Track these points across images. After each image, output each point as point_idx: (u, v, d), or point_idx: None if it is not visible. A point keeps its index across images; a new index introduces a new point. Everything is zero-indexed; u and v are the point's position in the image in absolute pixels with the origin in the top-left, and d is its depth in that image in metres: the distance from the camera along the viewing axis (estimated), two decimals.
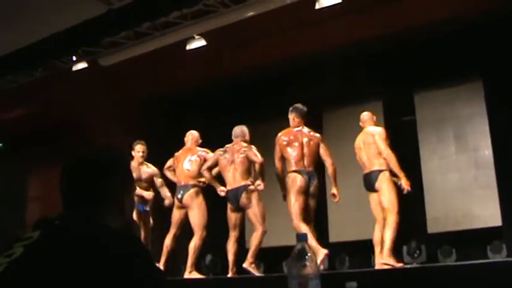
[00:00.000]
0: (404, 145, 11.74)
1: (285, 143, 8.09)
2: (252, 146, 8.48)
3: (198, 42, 10.39)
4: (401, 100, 11.97)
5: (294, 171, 7.97)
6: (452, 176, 11.34)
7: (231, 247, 8.51)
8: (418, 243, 11.04)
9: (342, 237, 10.79)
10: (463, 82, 11.32)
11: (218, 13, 9.71)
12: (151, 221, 9.36)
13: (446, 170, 11.40)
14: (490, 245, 10.28)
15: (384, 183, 7.94)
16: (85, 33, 10.30)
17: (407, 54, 11.16)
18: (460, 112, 11.38)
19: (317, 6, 9.16)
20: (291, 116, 8.28)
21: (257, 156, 8.33)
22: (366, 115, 8.45)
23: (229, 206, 8.53)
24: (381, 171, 8.00)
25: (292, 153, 8.02)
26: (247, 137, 8.64)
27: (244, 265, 8.26)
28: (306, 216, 7.91)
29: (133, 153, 9.34)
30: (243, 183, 8.37)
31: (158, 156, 9.64)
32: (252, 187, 8.33)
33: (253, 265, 8.33)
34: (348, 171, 8.53)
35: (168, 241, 8.98)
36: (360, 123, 8.40)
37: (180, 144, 9.25)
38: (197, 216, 8.73)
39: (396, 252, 10.87)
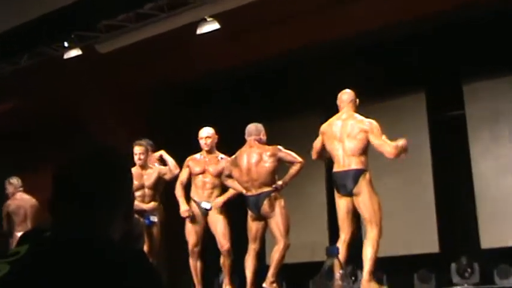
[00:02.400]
0: (452, 145, 11.74)
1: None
2: (280, 147, 8.58)
3: (211, 26, 10.34)
4: (447, 92, 11.89)
5: None
6: (509, 180, 11.25)
7: (250, 263, 8.62)
8: (470, 260, 10.97)
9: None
10: None
11: None
12: (158, 235, 9.50)
13: (502, 173, 11.30)
14: None
15: (364, 186, 7.87)
16: (79, 15, 10.33)
17: (454, 38, 11.08)
18: None
19: None
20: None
21: (296, 157, 8.49)
22: (347, 94, 8.23)
23: (249, 214, 8.66)
24: (361, 171, 7.92)
25: None
26: (263, 136, 8.74)
27: (265, 285, 8.31)
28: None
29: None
30: (265, 189, 8.48)
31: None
32: (274, 194, 8.45)
33: (274, 285, 8.36)
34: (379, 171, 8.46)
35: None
36: (338, 102, 8.24)
37: (189, 140, 9.30)
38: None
39: (444, 271, 10.90)
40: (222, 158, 9.28)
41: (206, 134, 9.28)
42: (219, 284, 10.84)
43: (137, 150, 9.47)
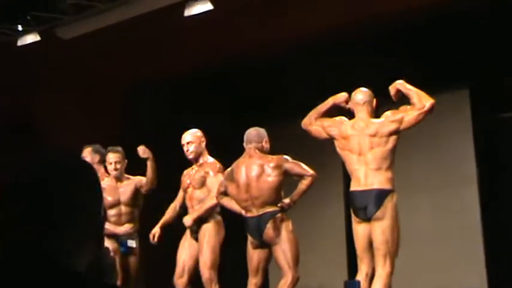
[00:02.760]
0: (504, 150, 11.66)
1: None
2: (286, 157, 8.43)
3: (202, 6, 10.40)
4: (497, 88, 11.81)
5: None
6: None
7: None
8: None
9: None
10: None
11: None
12: (135, 264, 9.43)
13: None
14: None
15: (389, 211, 7.72)
16: None
17: (501, 28, 11.02)
18: None
19: None
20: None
21: (306, 169, 8.35)
22: (362, 93, 8.13)
23: (249, 240, 8.48)
24: (388, 191, 7.77)
25: None
26: (266, 143, 8.57)
27: None
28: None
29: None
30: (269, 209, 8.29)
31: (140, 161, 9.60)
32: (279, 215, 8.27)
33: None
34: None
35: None
36: (351, 104, 8.11)
37: (172, 143, 9.22)
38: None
39: None
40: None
41: (189, 138, 9.19)
42: None
43: (112, 158, 9.38)
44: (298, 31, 11.18)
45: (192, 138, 9.13)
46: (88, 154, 9.41)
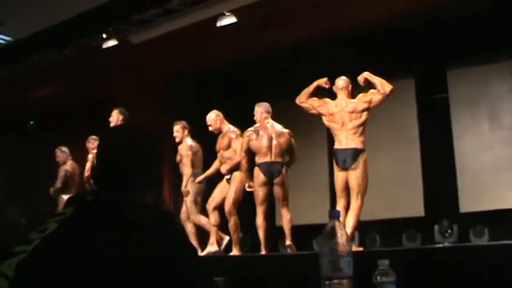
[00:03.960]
0: (437, 123, 11.74)
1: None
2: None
3: (229, 19, 10.29)
4: (433, 77, 11.86)
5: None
6: (486, 154, 11.23)
7: (260, 223, 8.33)
8: (450, 222, 11.00)
9: (372, 215, 10.78)
10: (498, 59, 11.14)
11: None
12: None
13: (480, 148, 11.30)
14: None
15: (362, 163, 7.71)
16: (115, 11, 10.33)
17: (440, 30, 11.01)
18: (494, 90, 11.25)
19: None
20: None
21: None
22: (342, 80, 8.00)
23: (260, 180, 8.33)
24: (361, 150, 7.72)
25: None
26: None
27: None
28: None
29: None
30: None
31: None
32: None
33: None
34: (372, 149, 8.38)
35: None
36: (334, 88, 8.02)
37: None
38: None
39: (428, 231, 10.93)
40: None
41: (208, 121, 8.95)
42: None
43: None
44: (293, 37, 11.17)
45: (209, 121, 8.91)
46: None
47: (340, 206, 7.81)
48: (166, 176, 10.51)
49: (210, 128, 8.90)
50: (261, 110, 8.45)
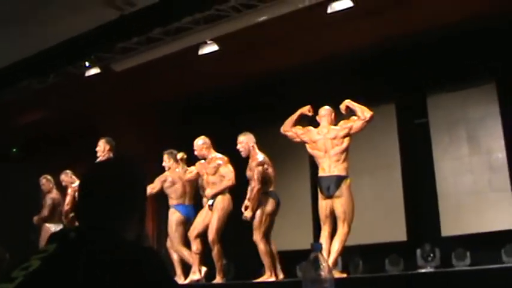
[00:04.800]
0: (417, 147, 11.83)
1: None
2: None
3: (211, 47, 10.32)
4: (413, 103, 11.96)
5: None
6: (466, 178, 11.32)
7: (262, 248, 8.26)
8: (432, 246, 11.01)
9: (354, 240, 10.81)
10: (476, 84, 11.29)
11: (230, 18, 9.71)
12: None
13: (460, 172, 11.37)
14: (504, 248, 10.23)
15: (346, 190, 7.75)
16: (98, 39, 10.32)
17: (419, 57, 11.17)
18: (472, 114, 11.37)
19: (329, 10, 9.14)
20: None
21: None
22: (325, 109, 8.11)
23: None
24: (344, 177, 7.78)
25: None
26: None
27: None
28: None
29: None
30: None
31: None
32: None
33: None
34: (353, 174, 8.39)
35: None
36: (317, 118, 8.13)
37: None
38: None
39: (411, 256, 10.94)
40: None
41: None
42: None
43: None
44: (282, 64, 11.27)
45: (196, 147, 8.86)
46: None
47: (324, 232, 7.81)
48: (149, 204, 10.47)
49: (196, 153, 8.87)
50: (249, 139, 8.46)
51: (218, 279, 8.53)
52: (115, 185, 2.13)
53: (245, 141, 8.41)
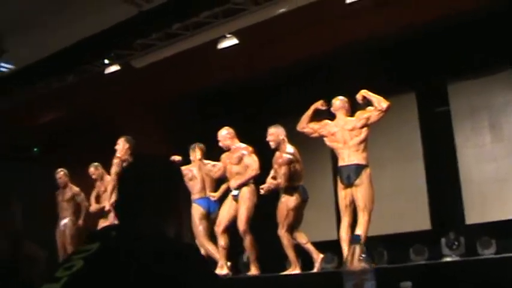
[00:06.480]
0: (439, 136, 11.75)
1: None
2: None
3: (230, 41, 10.36)
4: (434, 91, 11.91)
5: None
6: (489, 165, 11.24)
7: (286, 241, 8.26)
8: (457, 235, 10.95)
9: (378, 230, 10.78)
10: (497, 71, 11.21)
11: (249, 11, 9.69)
12: None
13: (482, 159, 11.31)
14: None
15: (366, 178, 7.69)
16: (117, 36, 10.35)
17: (439, 45, 11.09)
18: (494, 101, 11.30)
19: (348, 0, 9.11)
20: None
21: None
22: (340, 100, 8.03)
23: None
24: (364, 165, 7.70)
25: None
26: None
27: None
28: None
29: None
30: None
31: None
32: None
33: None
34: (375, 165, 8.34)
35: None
36: (332, 109, 8.04)
37: (215, 143, 9.18)
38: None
39: (435, 245, 10.89)
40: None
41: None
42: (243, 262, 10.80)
43: None
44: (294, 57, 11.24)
45: (220, 137, 8.82)
46: None
47: (344, 223, 7.79)
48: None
49: (220, 144, 8.79)
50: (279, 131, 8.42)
51: (253, 271, 8.49)
52: (155, 183, 2.14)
53: (275, 133, 8.38)
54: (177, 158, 8.77)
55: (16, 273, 2.32)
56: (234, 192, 8.65)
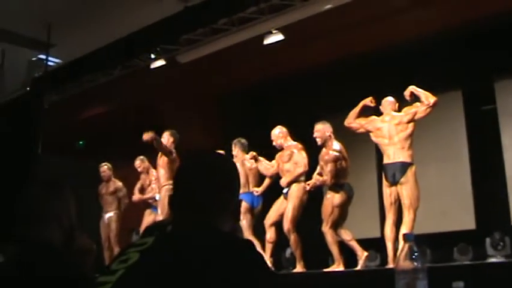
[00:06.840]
0: (485, 134, 11.59)
1: None
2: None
3: (276, 37, 10.31)
4: (481, 89, 11.75)
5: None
6: None
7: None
8: (502, 235, 10.79)
9: (422, 229, 10.69)
10: None
11: (295, 7, 9.65)
12: None
13: None
14: None
15: (411, 177, 7.69)
16: (163, 31, 10.43)
17: (486, 42, 10.93)
18: None
19: None
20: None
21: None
22: (388, 101, 8.15)
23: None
24: (409, 163, 7.73)
25: None
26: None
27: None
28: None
29: None
30: None
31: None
32: None
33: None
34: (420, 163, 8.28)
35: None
36: (381, 108, 8.16)
37: (260, 139, 9.20)
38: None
39: (480, 244, 10.76)
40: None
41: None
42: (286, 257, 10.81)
43: None
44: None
45: (273, 136, 8.94)
46: None
47: (389, 221, 7.80)
48: None
49: (273, 143, 8.89)
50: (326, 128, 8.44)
51: (299, 268, 8.53)
52: (212, 178, 2.15)
53: (322, 130, 8.38)
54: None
55: (70, 265, 2.34)
56: (284, 190, 8.72)
